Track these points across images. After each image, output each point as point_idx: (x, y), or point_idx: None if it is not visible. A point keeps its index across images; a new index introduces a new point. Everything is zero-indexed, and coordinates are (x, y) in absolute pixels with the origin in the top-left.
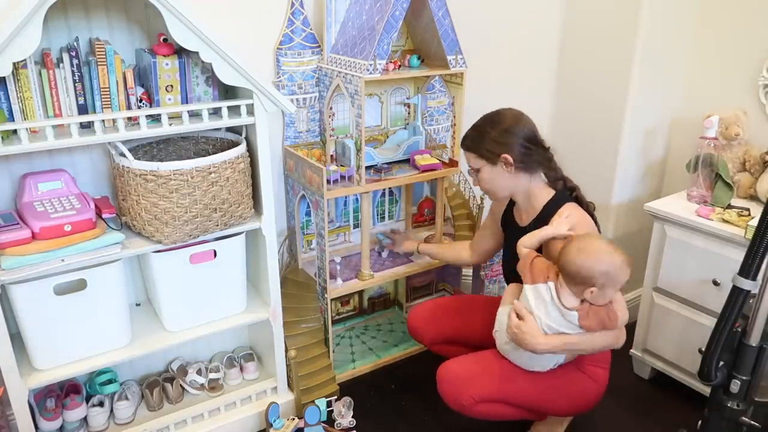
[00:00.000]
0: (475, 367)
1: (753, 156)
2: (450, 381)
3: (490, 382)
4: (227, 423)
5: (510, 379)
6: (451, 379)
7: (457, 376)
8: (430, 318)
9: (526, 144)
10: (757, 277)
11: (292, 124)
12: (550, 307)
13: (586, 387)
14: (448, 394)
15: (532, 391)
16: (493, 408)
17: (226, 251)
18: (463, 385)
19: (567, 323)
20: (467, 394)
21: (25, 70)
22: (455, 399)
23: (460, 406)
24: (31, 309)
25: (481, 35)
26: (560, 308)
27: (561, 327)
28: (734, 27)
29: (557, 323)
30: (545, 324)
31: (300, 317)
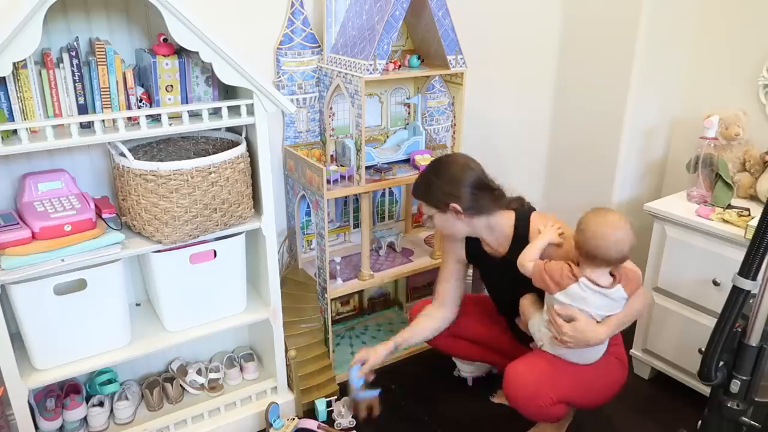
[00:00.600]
0: (544, 367)
1: (753, 156)
2: (523, 383)
3: (563, 382)
4: (227, 423)
5: (572, 375)
6: (525, 381)
7: (529, 378)
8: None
9: (474, 191)
10: (757, 277)
11: (292, 124)
12: (593, 298)
13: (618, 370)
14: (523, 395)
15: (585, 384)
16: (560, 409)
17: (226, 251)
18: (539, 387)
19: (614, 302)
20: (545, 396)
21: (25, 70)
22: (532, 401)
23: (536, 408)
24: (31, 309)
25: (481, 35)
26: (605, 292)
27: (610, 309)
28: (734, 27)
29: (607, 308)
30: (596, 315)
31: (300, 317)
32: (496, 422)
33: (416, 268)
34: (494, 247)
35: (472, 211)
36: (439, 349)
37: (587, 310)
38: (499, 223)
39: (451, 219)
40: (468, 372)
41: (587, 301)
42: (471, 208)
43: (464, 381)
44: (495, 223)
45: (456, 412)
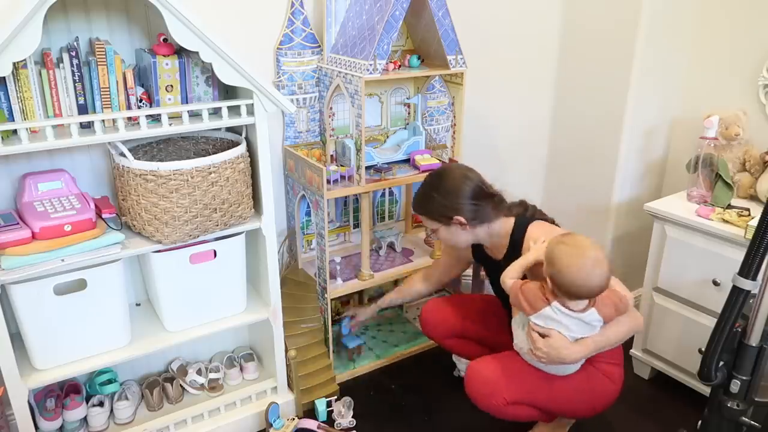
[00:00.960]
0: (505, 368)
1: (753, 156)
2: (482, 381)
3: (521, 385)
4: (227, 423)
5: (539, 382)
6: (483, 379)
7: (489, 376)
8: (443, 313)
9: (475, 202)
10: (757, 277)
11: (292, 124)
12: (567, 321)
13: (605, 387)
14: (480, 393)
15: (558, 394)
16: (521, 410)
17: (226, 251)
18: (495, 386)
19: (589, 326)
20: (500, 396)
21: (25, 70)
22: (487, 399)
23: (491, 407)
24: (31, 309)
25: (481, 35)
26: (578, 316)
27: (585, 332)
28: (734, 27)
29: (581, 331)
30: (570, 338)
31: (300, 317)
32: (495, 422)
33: (416, 268)
34: (493, 252)
35: (476, 221)
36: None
37: (561, 331)
38: (498, 230)
39: (455, 231)
40: None
41: (561, 323)
42: (474, 218)
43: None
44: (495, 230)
45: (456, 412)
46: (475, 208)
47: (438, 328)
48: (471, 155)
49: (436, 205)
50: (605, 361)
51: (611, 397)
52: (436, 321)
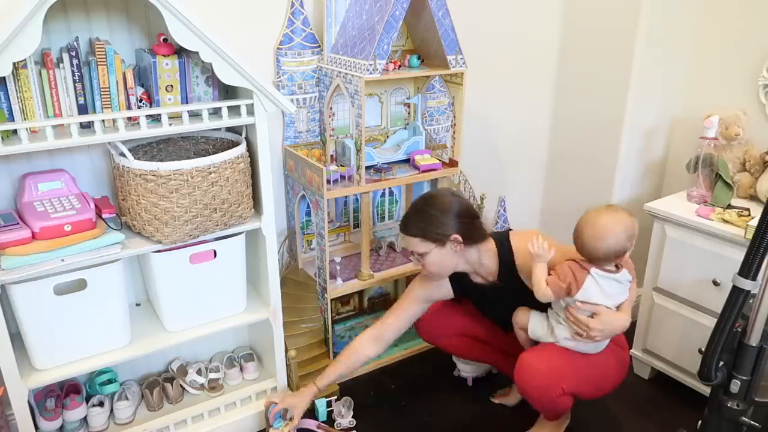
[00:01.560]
0: (557, 359)
1: (753, 156)
2: (536, 374)
3: (573, 374)
4: (227, 423)
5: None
6: (538, 370)
7: (542, 369)
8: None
9: (468, 220)
10: (757, 277)
11: (292, 124)
12: (607, 285)
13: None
14: (536, 385)
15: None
16: (568, 401)
17: (226, 251)
18: (552, 377)
19: (622, 285)
20: (558, 387)
21: (25, 70)
22: (544, 392)
23: (547, 399)
24: (31, 309)
25: (481, 35)
26: (615, 277)
27: (621, 293)
28: (734, 27)
29: (617, 293)
30: (613, 303)
31: (300, 317)
32: (495, 422)
33: (416, 268)
34: (484, 276)
35: (469, 240)
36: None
37: (602, 303)
38: (486, 252)
39: (447, 254)
40: (468, 372)
41: (603, 290)
42: (468, 237)
43: (464, 381)
44: (483, 251)
45: (456, 412)
46: (469, 227)
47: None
48: (471, 155)
49: (433, 223)
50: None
51: (627, 363)
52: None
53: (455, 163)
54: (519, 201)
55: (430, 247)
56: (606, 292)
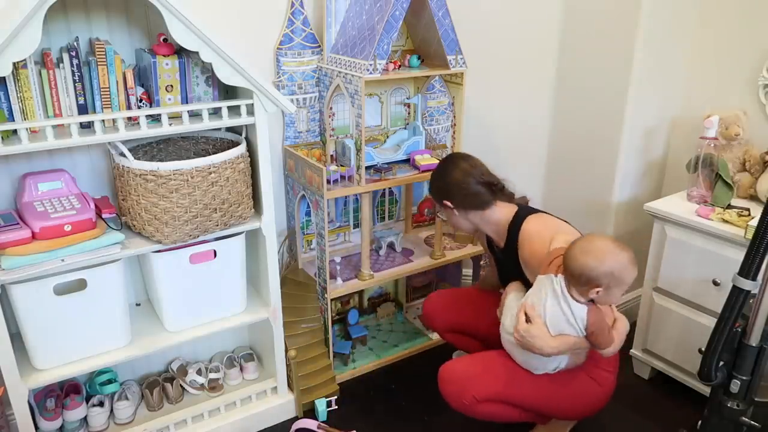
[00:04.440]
0: (477, 366)
1: (753, 156)
2: (452, 380)
3: (492, 382)
4: (227, 423)
5: (513, 380)
6: (453, 378)
7: (459, 375)
8: (445, 306)
9: (464, 188)
10: (757, 277)
11: (292, 124)
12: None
13: (591, 391)
14: (450, 392)
15: (535, 394)
16: (496, 408)
17: (226, 251)
18: (464, 384)
19: (569, 318)
20: (469, 393)
21: (25, 70)
22: (457, 398)
23: (462, 405)
24: (31, 309)
25: (481, 35)
26: (567, 300)
27: (564, 326)
28: (734, 27)
29: (561, 321)
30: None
31: (300, 317)
32: (495, 423)
33: (416, 268)
34: (496, 240)
35: (462, 207)
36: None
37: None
38: (494, 219)
39: (449, 214)
40: None
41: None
42: (461, 203)
43: None
44: (490, 218)
45: (456, 412)
46: (464, 193)
47: (440, 322)
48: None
49: (433, 189)
50: (597, 367)
51: (598, 402)
52: (438, 313)
53: None
54: None
55: (438, 208)
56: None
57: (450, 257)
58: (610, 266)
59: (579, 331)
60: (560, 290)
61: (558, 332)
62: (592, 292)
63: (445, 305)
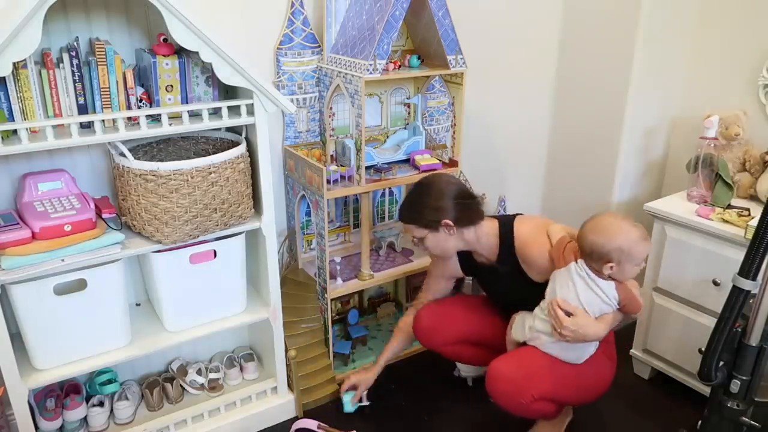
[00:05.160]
0: (528, 365)
1: (753, 156)
2: (505, 381)
3: (544, 380)
4: (227, 423)
5: (559, 375)
6: (506, 379)
7: (512, 376)
8: (439, 319)
9: (461, 202)
10: (757, 277)
11: (292, 124)
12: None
13: (608, 368)
14: (506, 391)
15: (575, 384)
16: (544, 405)
17: (226, 251)
18: (522, 382)
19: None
20: (528, 392)
21: (25, 70)
22: (514, 398)
23: (518, 404)
24: (31, 309)
25: (481, 35)
26: (594, 279)
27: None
28: (734, 27)
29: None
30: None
31: (300, 317)
32: (496, 423)
33: (416, 268)
34: (486, 256)
35: (462, 223)
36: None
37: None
38: (485, 232)
39: (443, 237)
40: (468, 372)
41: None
42: (460, 220)
43: (464, 381)
44: (482, 232)
45: (456, 412)
46: (461, 210)
47: (434, 338)
48: (471, 155)
49: (422, 210)
50: (608, 342)
51: (611, 377)
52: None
53: (455, 163)
54: (519, 200)
55: (424, 233)
56: (581, 296)
57: None
58: (619, 242)
59: (614, 306)
60: (585, 274)
61: (597, 313)
62: (606, 268)
63: (438, 318)
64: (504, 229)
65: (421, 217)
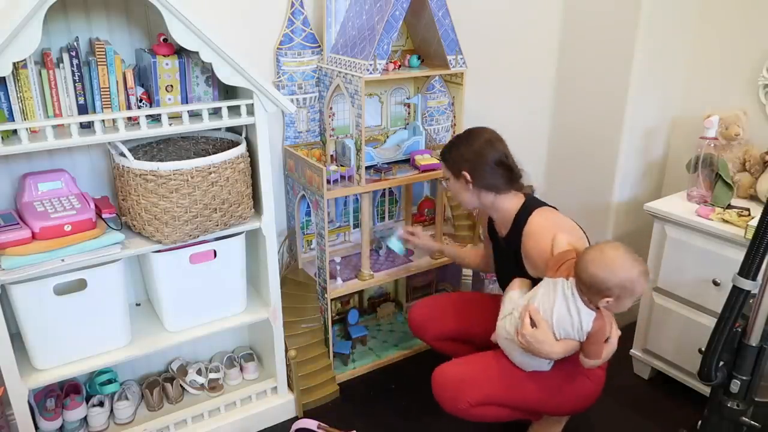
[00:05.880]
0: (470, 369)
1: (753, 156)
2: (445, 384)
3: (486, 385)
4: (227, 423)
5: (507, 380)
6: (446, 383)
7: (452, 379)
8: (433, 314)
9: (492, 167)
10: (757, 277)
11: (292, 124)
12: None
13: (584, 386)
14: (445, 397)
15: (529, 392)
16: (490, 410)
17: (226, 251)
18: (458, 388)
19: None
20: (464, 398)
21: (25, 70)
22: (452, 403)
23: (457, 410)
24: (31, 309)
25: (481, 35)
26: (577, 304)
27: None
28: (734, 27)
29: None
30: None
31: (300, 317)
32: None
33: (416, 268)
34: (498, 226)
35: (480, 184)
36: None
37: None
38: (504, 205)
39: (461, 187)
40: None
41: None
42: (481, 182)
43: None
44: (501, 204)
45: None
46: (487, 172)
47: (430, 331)
48: None
49: (455, 155)
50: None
51: (590, 397)
52: (426, 323)
53: None
54: None
55: (448, 174)
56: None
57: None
58: (621, 278)
59: (580, 337)
60: (570, 294)
61: (562, 336)
62: (602, 302)
63: (432, 314)
64: (522, 213)
65: (451, 160)
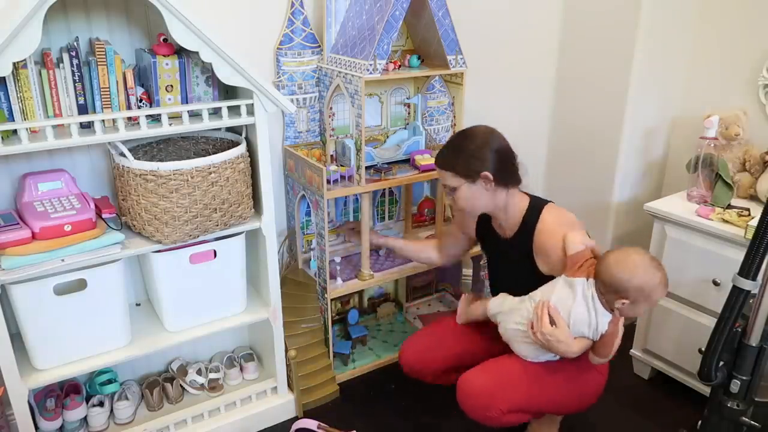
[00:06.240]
0: (498, 377)
1: (753, 156)
2: (475, 394)
3: (515, 393)
4: (227, 423)
5: (533, 383)
6: (475, 393)
7: (482, 389)
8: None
9: (503, 158)
10: (757, 277)
11: (292, 124)
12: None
13: (595, 381)
14: (474, 407)
15: (552, 393)
16: (516, 417)
17: (226, 251)
18: (490, 398)
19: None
20: (495, 407)
21: (25, 70)
22: (483, 412)
23: (488, 419)
24: (31, 309)
25: (481, 35)
26: (596, 306)
27: (585, 330)
28: (734, 27)
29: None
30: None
31: (300, 317)
32: None
33: (416, 268)
34: (504, 227)
35: (500, 181)
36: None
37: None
38: (514, 203)
39: (478, 190)
40: None
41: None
42: (500, 177)
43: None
44: (511, 201)
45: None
46: (502, 166)
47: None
48: None
49: (465, 157)
50: None
51: (599, 391)
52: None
53: None
54: None
55: (460, 182)
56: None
57: None
58: (641, 282)
59: (594, 336)
60: (591, 295)
61: (577, 334)
62: (618, 303)
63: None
64: (532, 210)
65: (462, 164)
